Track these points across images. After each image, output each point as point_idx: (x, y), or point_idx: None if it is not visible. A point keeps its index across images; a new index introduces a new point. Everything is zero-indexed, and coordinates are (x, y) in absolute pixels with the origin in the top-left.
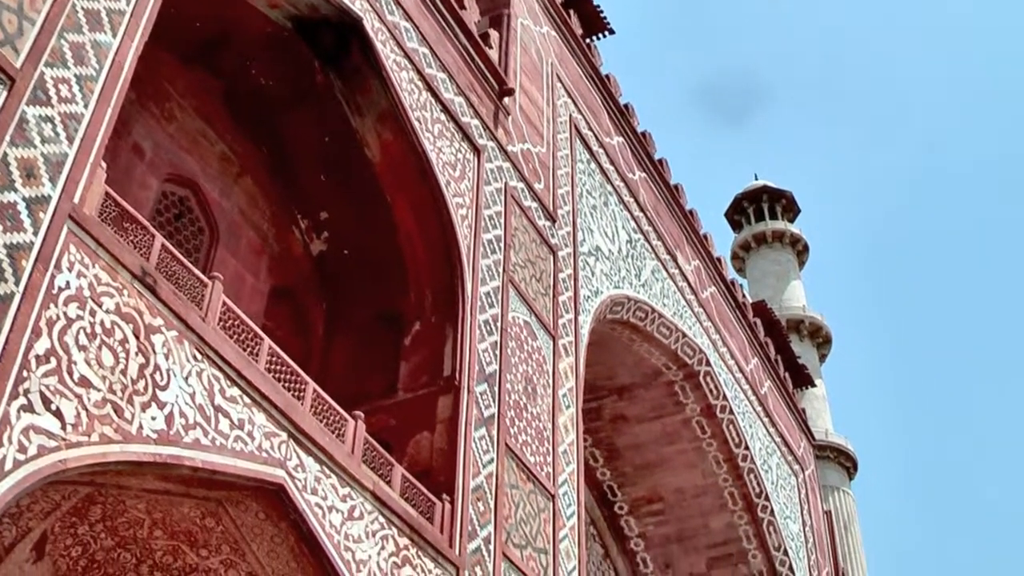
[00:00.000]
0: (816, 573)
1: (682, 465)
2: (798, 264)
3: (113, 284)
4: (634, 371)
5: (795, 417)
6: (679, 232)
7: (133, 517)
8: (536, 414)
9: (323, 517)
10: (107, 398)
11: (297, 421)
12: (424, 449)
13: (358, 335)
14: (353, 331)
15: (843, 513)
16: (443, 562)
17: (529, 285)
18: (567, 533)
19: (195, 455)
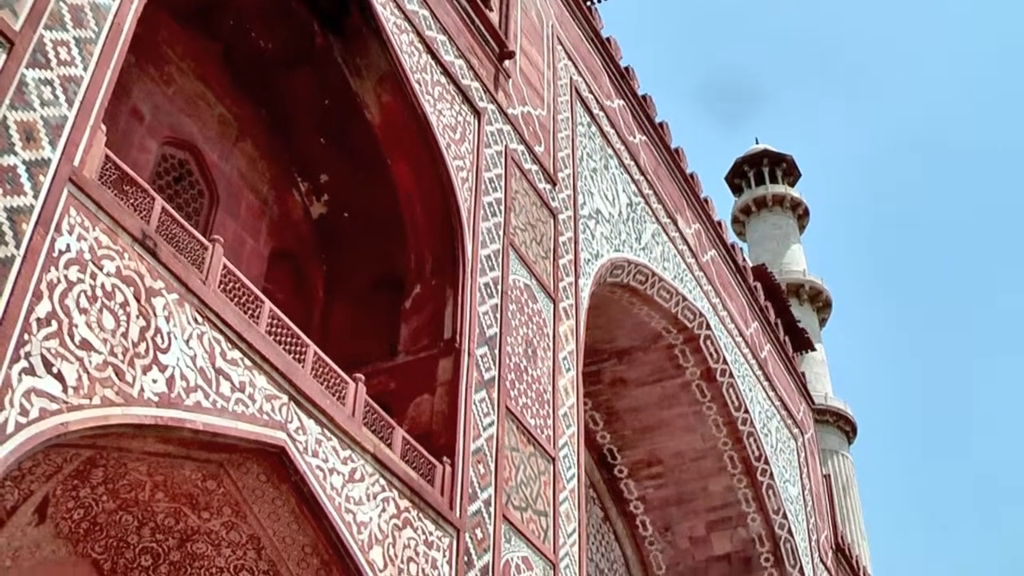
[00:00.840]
0: (815, 536)
1: (681, 428)
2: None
3: (113, 247)
4: (634, 334)
5: (795, 381)
6: (679, 196)
7: (135, 480)
8: (536, 377)
9: (324, 479)
10: (108, 361)
11: (298, 384)
12: (424, 412)
13: (358, 298)
14: (353, 294)
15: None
16: (443, 524)
17: (529, 248)
18: (567, 496)
19: (196, 418)
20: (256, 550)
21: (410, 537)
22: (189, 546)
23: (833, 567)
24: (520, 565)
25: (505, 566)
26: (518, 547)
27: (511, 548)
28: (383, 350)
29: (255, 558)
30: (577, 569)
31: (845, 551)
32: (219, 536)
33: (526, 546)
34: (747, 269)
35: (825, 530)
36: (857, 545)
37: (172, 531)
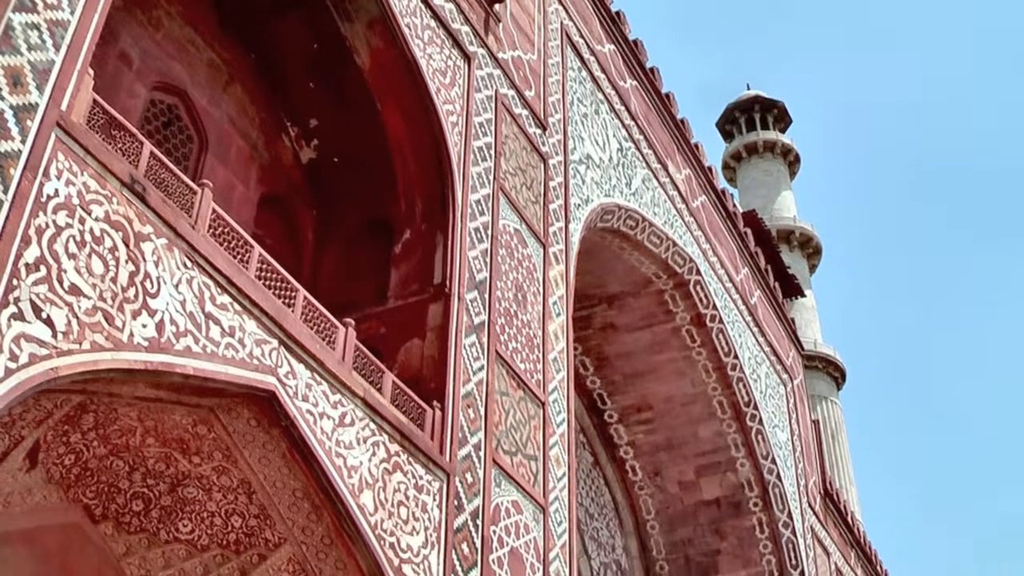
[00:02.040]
0: (803, 482)
1: (671, 374)
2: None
3: (102, 192)
4: (624, 280)
5: (784, 327)
6: (670, 141)
7: (125, 425)
8: (526, 322)
9: (314, 424)
10: (97, 306)
11: (288, 328)
12: (414, 356)
13: (348, 243)
14: (343, 239)
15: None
16: (433, 468)
17: (519, 193)
18: (557, 440)
19: (186, 362)
20: (247, 494)
21: (400, 481)
22: (180, 491)
23: (821, 512)
24: (510, 509)
25: (495, 510)
26: (508, 491)
27: (501, 492)
28: (373, 295)
29: (246, 502)
30: (567, 513)
31: (833, 496)
32: (210, 481)
33: (516, 490)
34: (737, 215)
35: (813, 475)
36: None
37: (163, 476)
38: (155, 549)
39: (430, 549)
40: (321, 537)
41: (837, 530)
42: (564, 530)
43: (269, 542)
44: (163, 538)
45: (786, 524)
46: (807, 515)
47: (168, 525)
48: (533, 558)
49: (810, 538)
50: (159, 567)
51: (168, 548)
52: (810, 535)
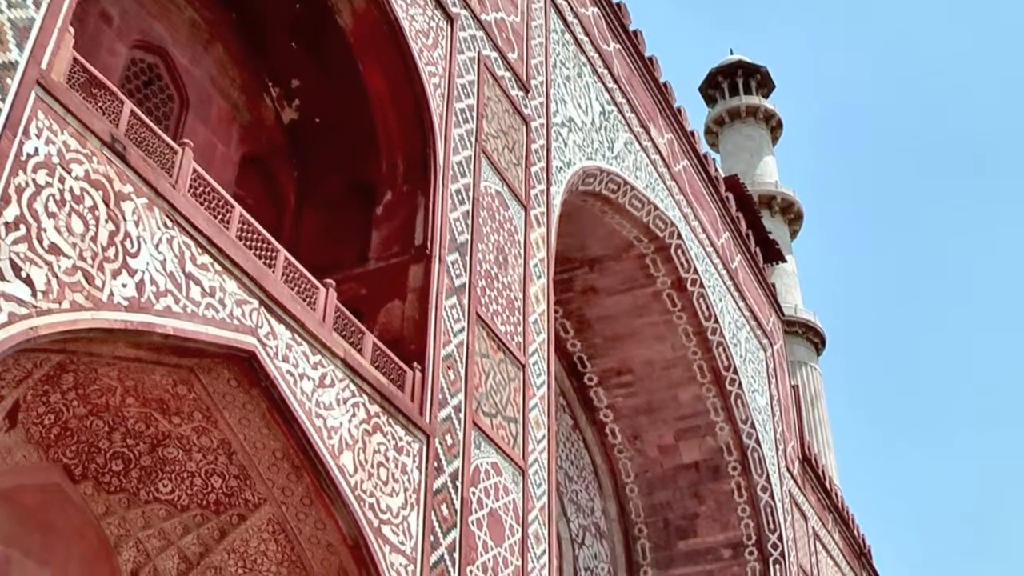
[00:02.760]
0: (782, 446)
1: (652, 337)
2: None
3: (82, 151)
4: (605, 243)
5: (765, 292)
6: (653, 105)
7: (105, 385)
8: (507, 284)
9: (294, 384)
10: (77, 265)
11: (268, 289)
12: (395, 318)
13: (329, 204)
14: (324, 200)
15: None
16: (413, 430)
17: (501, 155)
18: (537, 403)
19: (166, 322)
20: (227, 455)
21: (380, 442)
22: (160, 451)
23: (799, 477)
24: (489, 471)
25: (475, 471)
26: (487, 453)
27: (480, 454)
28: (354, 256)
29: (226, 463)
30: (546, 475)
31: (812, 461)
32: (190, 441)
33: (495, 452)
34: (719, 180)
35: (792, 440)
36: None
37: (143, 436)
38: (135, 509)
39: (409, 510)
40: (301, 498)
41: (815, 495)
42: (543, 492)
43: (249, 502)
44: (143, 498)
45: (764, 488)
46: (785, 479)
47: (148, 485)
48: (512, 520)
49: (788, 502)
50: (139, 527)
51: (148, 508)
52: (788, 499)
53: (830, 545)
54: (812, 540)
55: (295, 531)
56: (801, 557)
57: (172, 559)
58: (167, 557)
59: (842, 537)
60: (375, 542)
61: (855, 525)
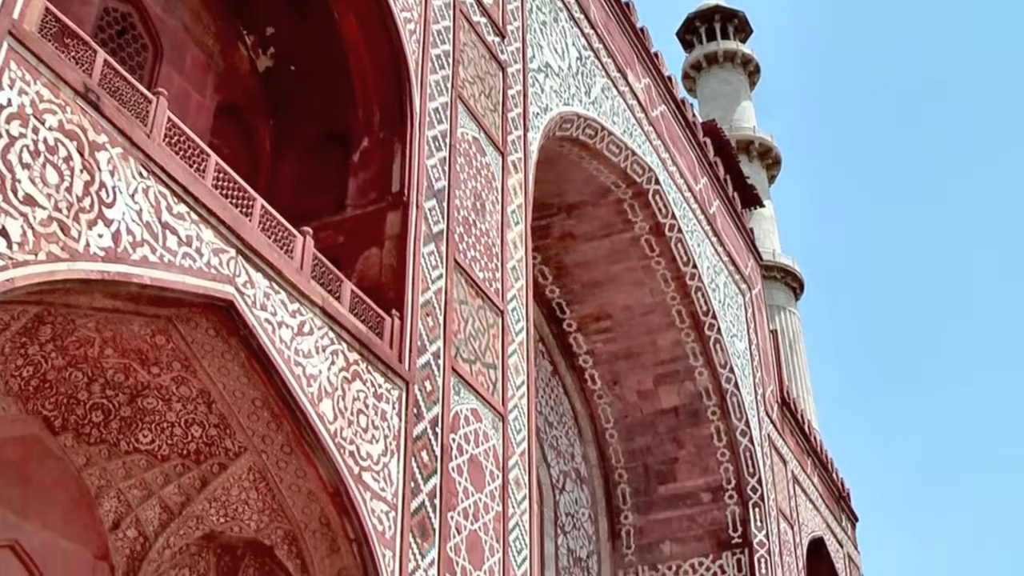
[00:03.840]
0: (761, 391)
1: (630, 283)
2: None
3: (56, 101)
4: (583, 189)
5: (743, 237)
6: (630, 50)
7: (83, 336)
8: (485, 230)
9: (273, 333)
10: (53, 216)
11: (245, 237)
12: (373, 265)
13: (306, 152)
14: (301, 148)
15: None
16: (393, 376)
17: (478, 101)
18: (516, 349)
19: (143, 272)
20: (207, 404)
21: (360, 390)
22: (140, 401)
23: (778, 421)
24: (469, 417)
25: (454, 418)
26: (467, 399)
27: (460, 400)
28: (331, 204)
29: (206, 412)
30: (526, 421)
31: (791, 406)
32: (169, 391)
33: (475, 398)
34: (697, 125)
35: (771, 385)
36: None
37: (122, 387)
38: (115, 460)
39: (390, 457)
40: (281, 446)
41: (794, 438)
42: (523, 438)
43: (229, 451)
44: (123, 449)
45: (743, 432)
46: (764, 424)
47: (128, 436)
48: (492, 466)
49: (767, 446)
50: (120, 478)
51: (128, 459)
52: (767, 443)
53: (809, 489)
54: (791, 484)
55: (276, 479)
56: (780, 501)
57: (153, 509)
58: (148, 507)
59: (821, 481)
60: (356, 489)
61: (834, 469)
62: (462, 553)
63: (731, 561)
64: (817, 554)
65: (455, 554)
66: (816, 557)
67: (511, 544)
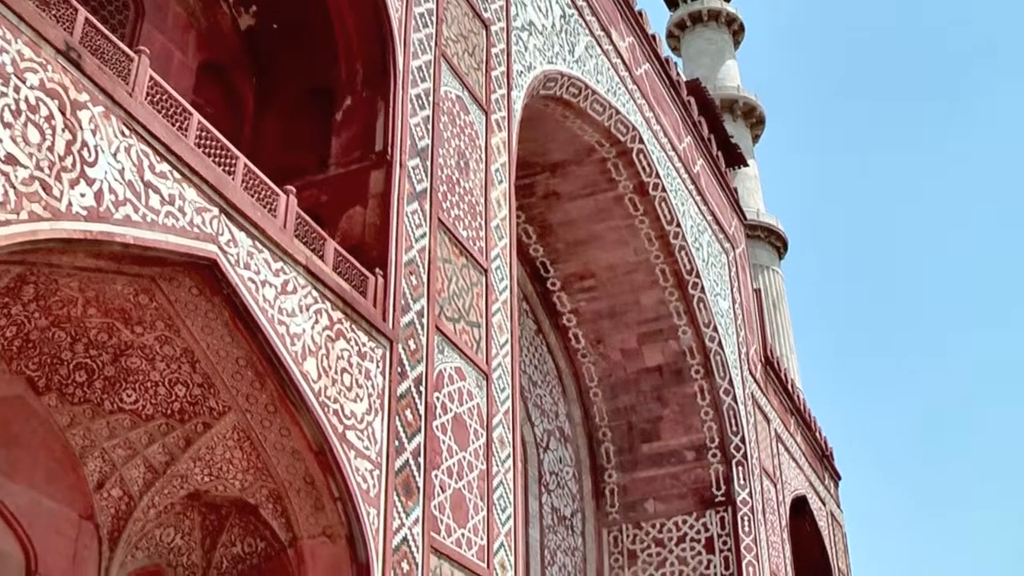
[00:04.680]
0: (745, 349)
1: (614, 242)
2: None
3: (36, 60)
4: (567, 148)
5: (727, 196)
6: (613, 8)
7: (66, 296)
8: (469, 189)
9: (256, 291)
10: (35, 175)
11: (228, 196)
12: (356, 224)
13: (289, 111)
14: (284, 107)
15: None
16: (376, 335)
17: (462, 59)
18: (500, 307)
19: (126, 231)
20: (190, 363)
21: (343, 348)
22: (123, 361)
23: (762, 380)
24: (453, 375)
25: (438, 376)
26: (451, 358)
27: (444, 359)
28: (314, 163)
29: (189, 371)
30: (510, 380)
31: (774, 364)
32: (153, 350)
33: (459, 357)
34: (681, 83)
35: (754, 343)
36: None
37: (106, 346)
38: (99, 419)
39: (374, 415)
40: (265, 405)
41: (777, 397)
42: (507, 396)
43: (213, 410)
44: (107, 408)
45: (727, 391)
46: (748, 382)
47: (112, 395)
48: (476, 424)
49: (751, 405)
50: (104, 437)
51: (112, 418)
52: (751, 402)
53: (792, 447)
54: (774, 442)
55: (260, 438)
56: (764, 459)
57: (138, 468)
58: (133, 466)
59: (804, 439)
60: (340, 448)
61: (817, 427)
62: (446, 511)
63: (714, 519)
64: (800, 512)
65: (439, 512)
66: (799, 515)
67: (495, 502)
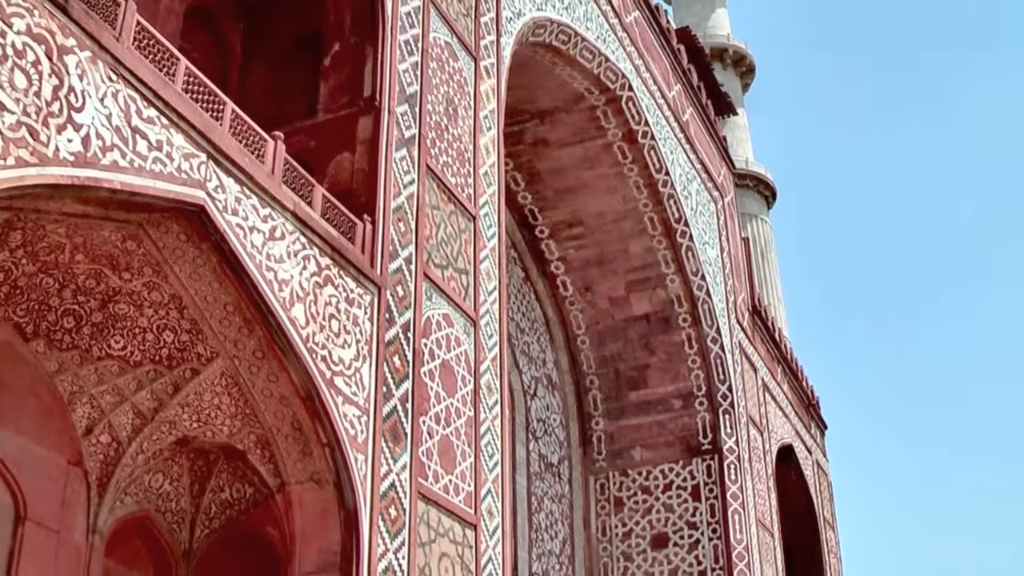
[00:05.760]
0: (732, 298)
1: (603, 190)
2: None
3: (23, 4)
4: (556, 95)
5: (716, 145)
6: None
7: (54, 242)
8: (457, 136)
9: (244, 238)
10: (21, 121)
11: (216, 142)
12: (344, 170)
13: (277, 56)
14: (272, 52)
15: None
16: (364, 282)
17: (450, 5)
18: (488, 254)
19: (113, 177)
20: (178, 309)
21: (331, 294)
22: (111, 307)
23: (749, 329)
24: (441, 322)
25: (426, 323)
26: (439, 304)
27: (432, 305)
28: (302, 109)
29: (177, 317)
30: (497, 327)
31: (761, 313)
32: (141, 297)
33: (447, 303)
34: (671, 31)
35: (742, 292)
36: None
37: (93, 293)
38: (88, 366)
39: (362, 362)
40: (253, 351)
41: (764, 346)
42: (495, 343)
43: (201, 357)
44: (95, 355)
45: (714, 340)
46: (735, 331)
47: (100, 342)
48: (464, 371)
49: (738, 354)
50: (92, 383)
51: (101, 364)
52: (738, 351)
53: (779, 396)
54: (761, 391)
55: (248, 384)
56: (750, 408)
57: (126, 415)
58: (121, 413)
59: (791, 388)
60: (328, 394)
61: (804, 377)
62: (434, 457)
63: (701, 467)
64: (786, 460)
65: (427, 458)
66: (785, 463)
67: (483, 449)
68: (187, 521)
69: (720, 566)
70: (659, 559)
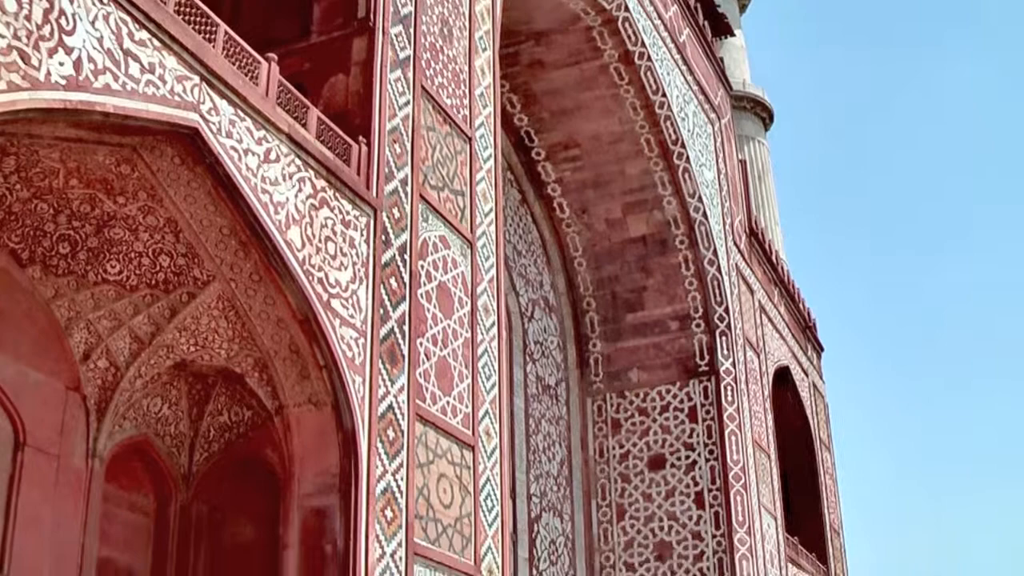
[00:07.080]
0: (729, 220)
1: (599, 111)
2: None
3: None
4: (552, 16)
5: (713, 66)
6: None
7: (48, 167)
8: (452, 57)
9: (239, 160)
10: (12, 45)
11: (209, 64)
12: (339, 92)
13: None
14: None
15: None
16: (360, 204)
17: None
18: (484, 176)
19: (106, 100)
20: (174, 233)
21: (327, 217)
22: (106, 232)
23: (746, 250)
24: (437, 244)
25: (423, 245)
26: (435, 226)
27: (428, 227)
28: (296, 30)
29: (173, 241)
30: (494, 248)
31: (758, 235)
32: (136, 221)
33: (443, 225)
34: None
35: (739, 214)
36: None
37: (88, 218)
38: (84, 291)
39: (358, 284)
40: (249, 274)
41: (761, 268)
42: (492, 265)
43: (198, 280)
44: (91, 280)
45: (711, 262)
46: (732, 253)
47: (96, 266)
48: (461, 292)
49: (735, 276)
50: (89, 308)
51: (97, 289)
52: (735, 273)
53: (776, 318)
54: (758, 313)
55: (245, 307)
56: (747, 329)
57: (124, 339)
58: (119, 337)
59: (788, 310)
60: (325, 316)
61: (800, 299)
62: (431, 379)
63: (698, 388)
64: (783, 382)
65: (424, 380)
66: (782, 385)
67: (480, 370)
68: (186, 445)
69: (717, 487)
70: (656, 480)
